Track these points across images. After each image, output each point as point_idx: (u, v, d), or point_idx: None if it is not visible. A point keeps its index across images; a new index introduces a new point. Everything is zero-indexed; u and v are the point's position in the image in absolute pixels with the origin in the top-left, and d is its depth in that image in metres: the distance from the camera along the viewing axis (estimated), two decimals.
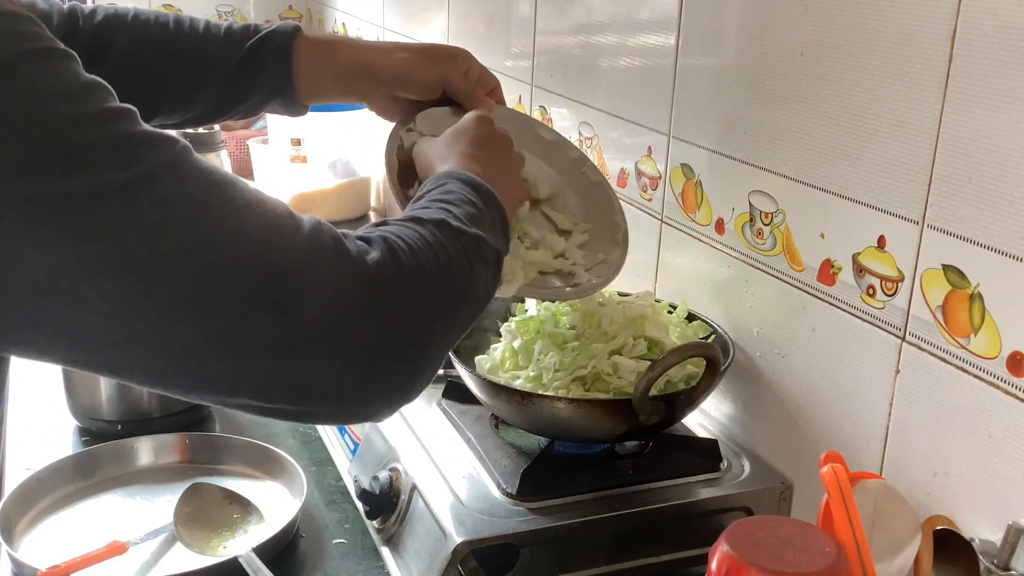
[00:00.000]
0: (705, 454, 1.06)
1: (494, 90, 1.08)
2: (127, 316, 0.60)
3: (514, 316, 1.12)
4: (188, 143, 0.64)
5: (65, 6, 0.99)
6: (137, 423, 1.29)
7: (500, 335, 1.10)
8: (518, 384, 1.01)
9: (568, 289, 1.01)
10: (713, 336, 1.10)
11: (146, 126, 0.63)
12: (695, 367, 1.01)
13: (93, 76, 0.61)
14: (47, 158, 0.57)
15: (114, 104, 0.61)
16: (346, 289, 0.66)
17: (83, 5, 1.00)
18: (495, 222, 0.81)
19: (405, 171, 0.99)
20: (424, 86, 1.04)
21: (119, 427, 1.29)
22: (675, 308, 1.14)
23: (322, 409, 0.69)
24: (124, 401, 1.30)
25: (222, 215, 0.63)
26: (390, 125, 1.05)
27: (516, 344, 1.05)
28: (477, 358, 1.07)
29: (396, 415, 1.12)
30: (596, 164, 1.36)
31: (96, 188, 0.58)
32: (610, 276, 1.05)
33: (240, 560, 1.00)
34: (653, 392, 0.94)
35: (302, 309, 0.64)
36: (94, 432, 1.31)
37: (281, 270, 0.64)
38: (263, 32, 1.03)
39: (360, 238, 0.71)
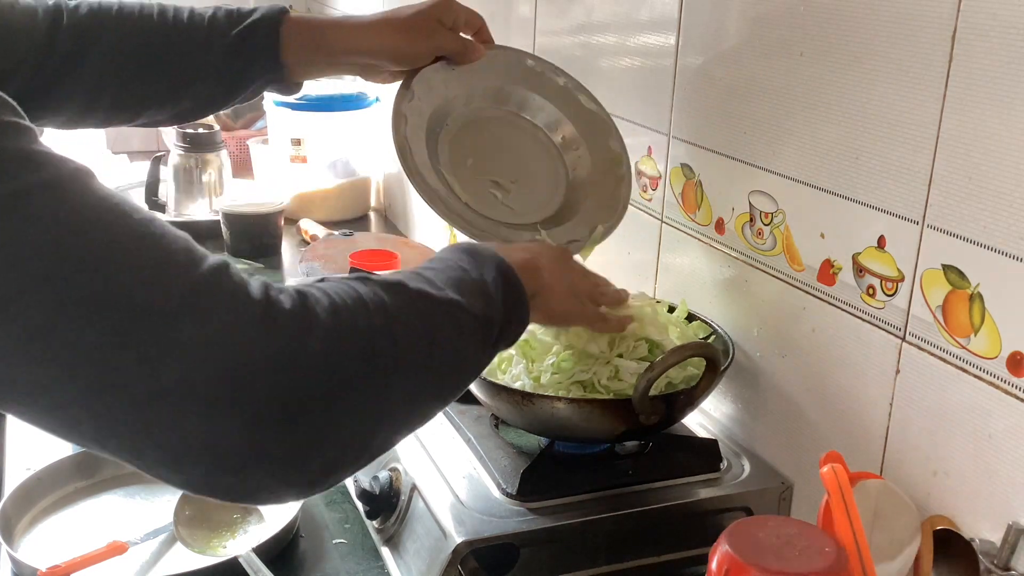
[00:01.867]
0: (705, 454, 1.06)
1: (480, 29, 1.09)
2: None
3: None
4: (87, 168, 0.59)
5: (50, 1, 0.99)
6: None
7: None
8: (518, 385, 1.01)
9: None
10: (713, 336, 1.10)
11: (37, 145, 0.58)
12: (695, 367, 1.01)
13: None
14: None
15: (10, 119, 0.57)
16: (234, 339, 0.58)
17: (67, 1, 1.00)
18: (488, 289, 0.74)
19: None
20: (417, 59, 1.05)
21: None
22: (674, 308, 1.14)
23: (195, 475, 0.60)
24: None
25: (99, 244, 0.57)
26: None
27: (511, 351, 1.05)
28: None
29: None
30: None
31: None
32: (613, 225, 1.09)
33: (240, 560, 1.00)
34: (653, 392, 0.94)
35: (174, 355, 0.56)
36: None
37: (155, 309, 0.57)
38: (248, 21, 1.01)
39: (281, 290, 0.63)
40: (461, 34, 1.08)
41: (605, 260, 1.30)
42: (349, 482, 1.14)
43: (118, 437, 0.59)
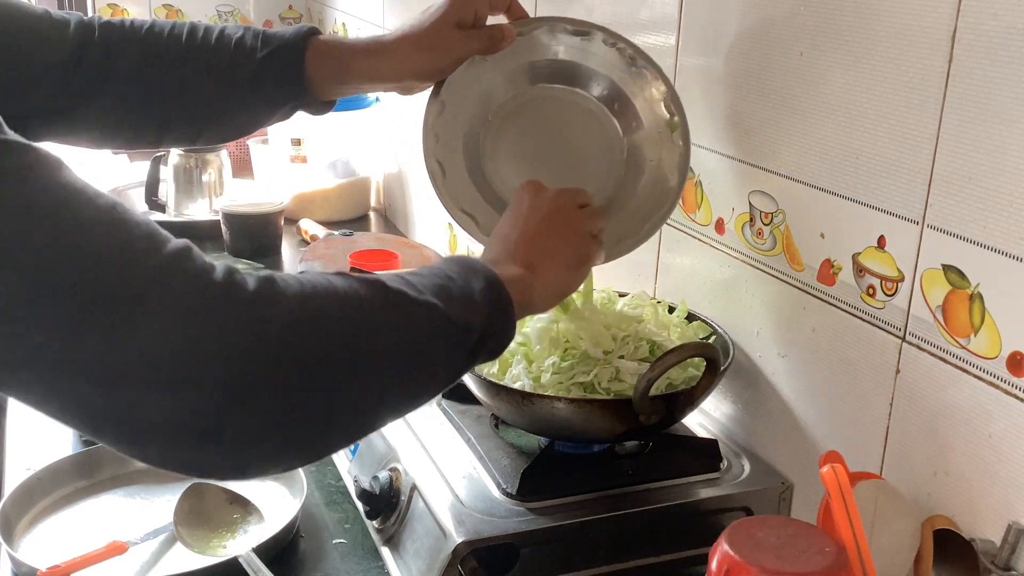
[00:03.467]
0: (705, 454, 1.06)
1: (511, 5, 1.03)
2: None
3: None
4: (55, 156, 0.61)
5: (85, 16, 0.98)
6: None
7: None
8: (519, 384, 1.01)
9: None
10: (713, 336, 1.10)
11: (3, 133, 0.59)
12: (695, 367, 1.01)
13: None
14: None
15: None
16: (193, 320, 0.60)
17: (101, 17, 0.99)
18: (472, 298, 0.74)
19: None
20: (444, 72, 1.02)
21: None
22: (674, 308, 1.14)
23: (152, 451, 0.63)
24: None
25: (62, 229, 0.58)
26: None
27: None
28: None
29: None
30: None
31: None
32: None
33: (240, 560, 1.00)
34: (653, 392, 0.94)
35: (134, 336, 0.58)
36: None
37: (116, 293, 0.58)
38: (273, 46, 0.99)
39: (249, 274, 0.64)
40: (489, 22, 1.03)
41: None
42: (349, 482, 1.14)
43: (81, 414, 0.61)
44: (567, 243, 0.89)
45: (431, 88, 1.04)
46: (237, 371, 0.61)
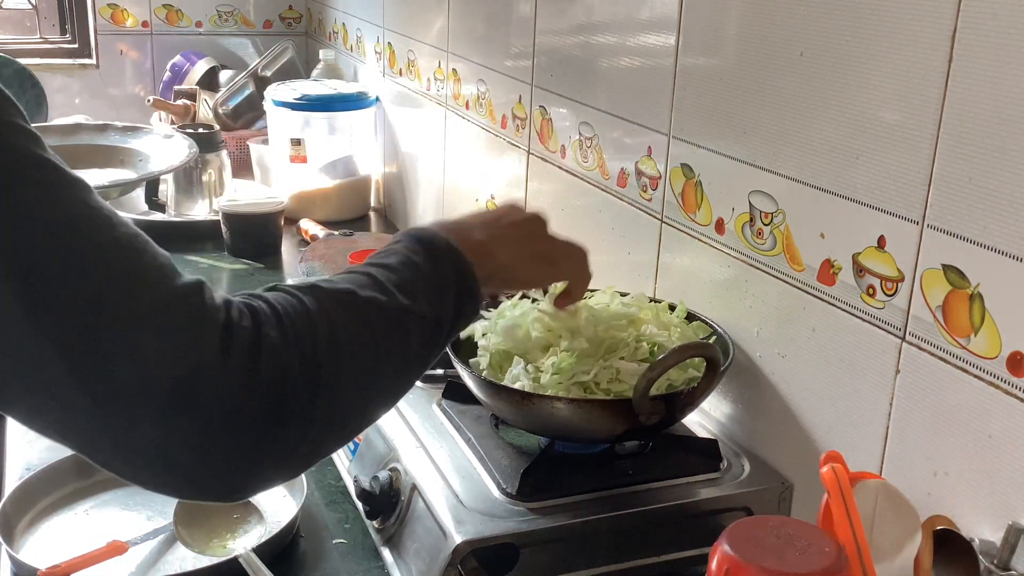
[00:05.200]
0: (705, 454, 1.06)
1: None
2: None
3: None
4: (85, 181, 0.63)
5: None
6: None
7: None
8: (519, 384, 1.01)
9: None
10: (713, 336, 1.10)
11: (42, 151, 0.61)
12: (695, 368, 1.01)
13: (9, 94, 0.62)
14: None
15: (20, 123, 0.61)
16: (192, 354, 0.61)
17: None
18: (442, 287, 0.75)
19: None
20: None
21: None
22: (674, 308, 1.14)
23: (144, 474, 0.64)
24: None
25: (79, 249, 0.60)
26: None
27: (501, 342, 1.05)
28: (472, 360, 1.07)
29: (395, 415, 1.13)
30: (595, 164, 1.37)
31: None
32: None
33: (240, 560, 1.00)
34: (653, 392, 0.94)
35: (134, 360, 0.60)
36: None
37: (122, 315, 0.60)
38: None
39: (241, 311, 0.66)
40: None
41: (606, 260, 1.30)
42: (349, 482, 1.14)
43: (77, 430, 0.62)
44: (531, 239, 0.89)
45: None
46: (232, 402, 0.63)
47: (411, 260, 0.76)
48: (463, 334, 1.05)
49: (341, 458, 1.20)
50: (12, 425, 1.32)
